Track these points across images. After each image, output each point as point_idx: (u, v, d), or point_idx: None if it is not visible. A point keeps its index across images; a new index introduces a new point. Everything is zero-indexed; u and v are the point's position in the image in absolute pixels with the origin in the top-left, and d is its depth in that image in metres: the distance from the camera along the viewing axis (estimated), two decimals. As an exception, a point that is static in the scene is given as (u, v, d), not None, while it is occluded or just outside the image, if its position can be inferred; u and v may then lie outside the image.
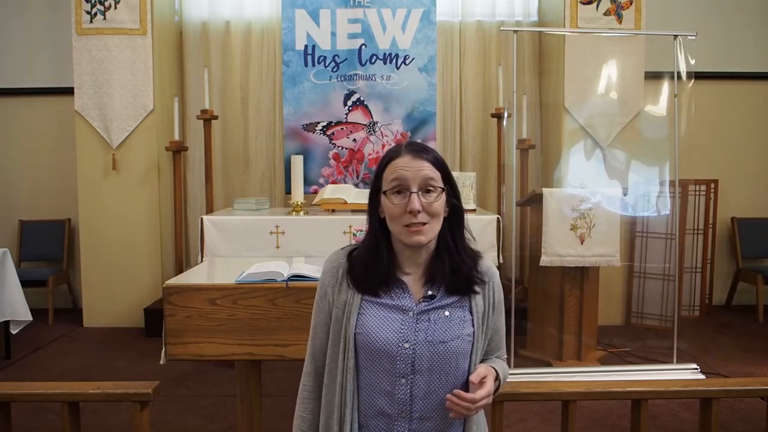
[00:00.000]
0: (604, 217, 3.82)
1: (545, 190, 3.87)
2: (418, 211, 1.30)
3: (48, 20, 5.38)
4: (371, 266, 1.37)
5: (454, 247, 1.38)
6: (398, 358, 1.33)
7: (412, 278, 1.39)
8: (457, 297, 1.37)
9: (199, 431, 3.12)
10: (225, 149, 5.40)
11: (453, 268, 1.36)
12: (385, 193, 1.34)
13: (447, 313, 1.35)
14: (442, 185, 1.34)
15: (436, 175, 1.34)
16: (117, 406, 3.10)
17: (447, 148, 5.42)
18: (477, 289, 1.38)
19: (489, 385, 1.33)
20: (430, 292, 1.37)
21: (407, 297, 1.36)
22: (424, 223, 1.32)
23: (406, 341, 1.33)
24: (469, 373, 1.36)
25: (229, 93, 5.37)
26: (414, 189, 1.31)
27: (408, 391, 1.34)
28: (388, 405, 1.34)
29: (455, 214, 1.39)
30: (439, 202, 1.33)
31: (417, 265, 1.39)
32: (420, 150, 1.36)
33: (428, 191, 1.33)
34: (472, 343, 1.37)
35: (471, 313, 1.38)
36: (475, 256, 1.41)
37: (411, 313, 1.35)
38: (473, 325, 1.37)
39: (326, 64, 5.03)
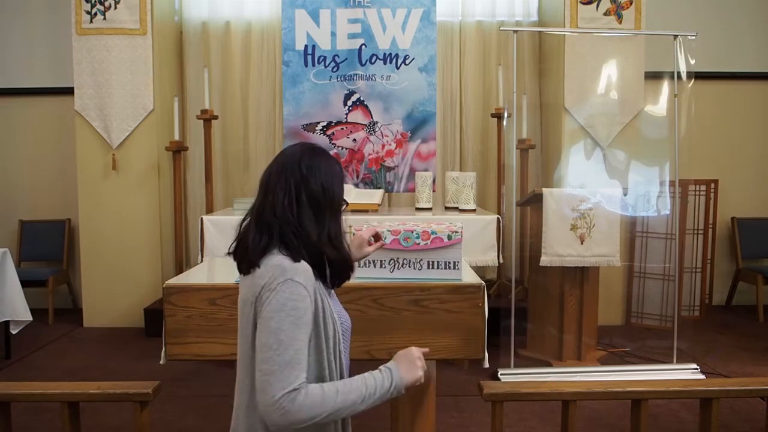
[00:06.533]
0: (604, 217, 3.82)
1: (545, 190, 3.86)
2: None
3: (48, 20, 5.38)
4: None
5: None
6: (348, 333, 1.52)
7: None
8: None
9: (199, 431, 3.12)
10: (225, 149, 5.40)
11: None
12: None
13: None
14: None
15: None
16: (117, 406, 3.10)
17: (447, 148, 5.43)
18: None
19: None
20: None
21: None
22: None
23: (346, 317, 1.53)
24: None
25: (229, 93, 5.37)
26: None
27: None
28: None
29: None
30: None
31: None
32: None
33: None
34: None
35: None
36: None
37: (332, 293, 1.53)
38: None
39: (326, 64, 5.02)
